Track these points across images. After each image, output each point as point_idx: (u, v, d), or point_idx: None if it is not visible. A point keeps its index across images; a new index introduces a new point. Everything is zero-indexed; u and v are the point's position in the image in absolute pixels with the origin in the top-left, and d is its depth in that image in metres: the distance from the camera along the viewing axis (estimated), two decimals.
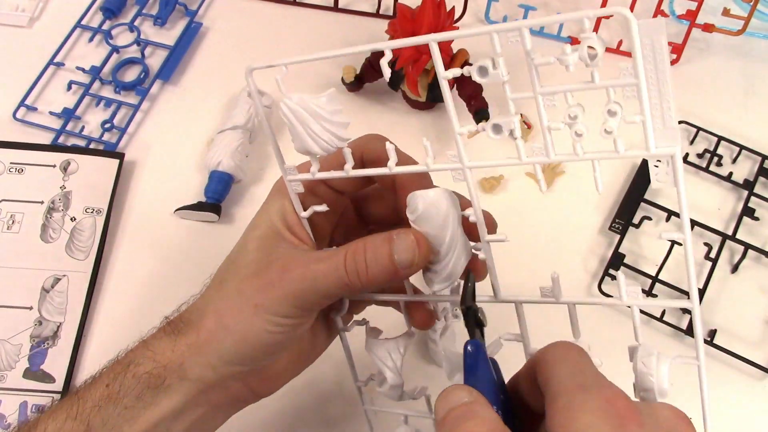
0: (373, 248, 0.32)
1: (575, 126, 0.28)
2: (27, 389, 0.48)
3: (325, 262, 0.33)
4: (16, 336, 0.49)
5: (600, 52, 0.25)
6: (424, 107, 0.61)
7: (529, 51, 0.27)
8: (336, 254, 0.33)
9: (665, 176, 0.28)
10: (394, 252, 0.32)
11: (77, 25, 0.65)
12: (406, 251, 0.32)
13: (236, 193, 0.57)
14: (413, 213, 0.32)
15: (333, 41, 0.65)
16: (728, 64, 0.66)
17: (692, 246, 0.55)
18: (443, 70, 0.29)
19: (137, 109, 0.60)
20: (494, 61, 0.28)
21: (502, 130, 0.29)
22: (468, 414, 0.27)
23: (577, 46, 0.26)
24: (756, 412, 0.49)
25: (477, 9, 0.67)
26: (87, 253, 0.53)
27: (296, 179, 0.35)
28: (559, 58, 0.26)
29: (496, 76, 0.28)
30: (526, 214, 0.57)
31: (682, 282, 0.53)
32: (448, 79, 0.29)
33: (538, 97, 0.28)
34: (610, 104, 0.27)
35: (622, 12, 0.25)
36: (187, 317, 0.36)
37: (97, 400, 0.34)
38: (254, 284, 0.34)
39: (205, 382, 0.34)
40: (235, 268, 0.35)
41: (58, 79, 0.63)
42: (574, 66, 0.26)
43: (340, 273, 0.32)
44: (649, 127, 0.27)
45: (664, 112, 0.27)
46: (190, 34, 0.65)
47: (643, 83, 0.26)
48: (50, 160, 0.56)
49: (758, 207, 0.56)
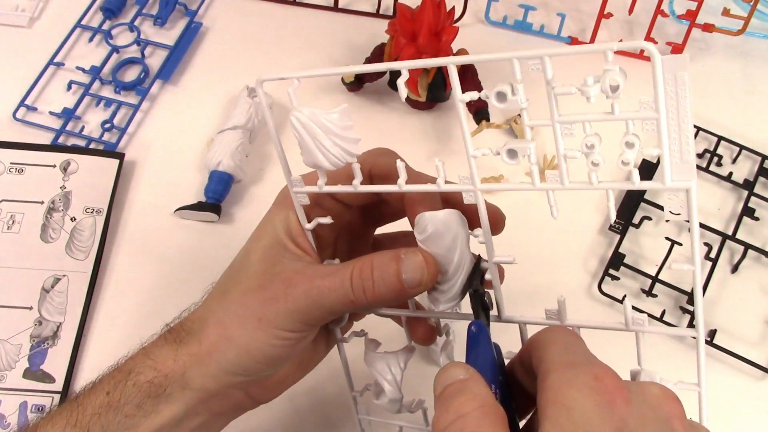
0: (380, 266, 0.32)
1: (592, 156, 0.28)
2: (27, 389, 0.48)
3: (331, 278, 0.33)
4: (15, 336, 0.49)
5: (621, 84, 0.25)
6: (424, 107, 0.61)
7: (550, 80, 0.27)
8: (342, 270, 0.33)
9: (679, 209, 0.28)
10: (402, 271, 0.32)
11: (77, 25, 0.65)
12: (415, 271, 0.32)
13: (236, 193, 0.57)
14: (422, 233, 0.32)
15: (333, 41, 0.65)
16: (728, 64, 0.66)
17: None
18: (460, 93, 0.29)
19: (137, 109, 0.60)
20: (513, 87, 0.27)
21: (517, 156, 0.29)
22: (462, 389, 0.27)
23: (599, 76, 0.26)
24: (756, 412, 0.49)
25: (477, 9, 0.67)
26: (87, 253, 0.53)
27: (303, 191, 0.34)
28: (581, 89, 0.26)
29: (515, 103, 0.28)
30: (526, 214, 0.57)
31: (682, 282, 0.53)
32: (464, 113, 0.29)
33: (556, 125, 0.28)
34: (629, 136, 0.27)
35: (648, 47, 0.25)
36: (189, 326, 0.35)
37: (97, 408, 0.34)
38: (258, 297, 0.34)
39: (207, 391, 0.34)
40: (238, 278, 0.35)
41: (58, 79, 0.63)
42: (595, 98, 0.26)
43: (345, 290, 0.32)
44: (666, 161, 0.27)
45: (682, 146, 0.27)
46: (190, 34, 0.65)
47: (663, 118, 0.26)
48: (50, 160, 0.56)
49: (758, 207, 0.56)
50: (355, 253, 0.35)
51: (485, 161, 0.60)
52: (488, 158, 0.30)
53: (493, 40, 0.65)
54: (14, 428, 0.47)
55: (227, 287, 0.36)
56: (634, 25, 0.67)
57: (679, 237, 0.55)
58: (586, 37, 0.65)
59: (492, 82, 0.60)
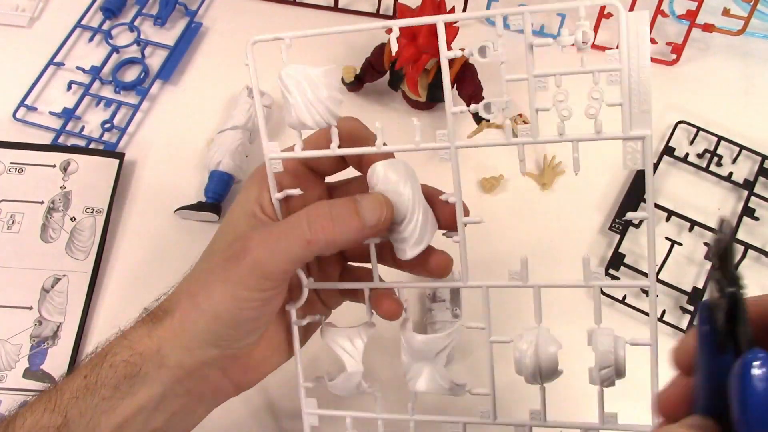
0: (337, 205, 0.33)
1: (562, 107, 0.31)
2: (27, 389, 0.48)
3: (286, 223, 0.33)
4: (16, 336, 0.49)
5: (590, 38, 0.30)
6: (424, 107, 0.61)
7: (529, 33, 0.30)
8: (297, 215, 0.33)
9: (637, 158, 0.31)
10: (359, 209, 0.33)
11: (77, 25, 0.65)
12: (373, 209, 0.33)
13: (236, 193, 0.56)
14: (373, 178, 0.34)
15: (333, 41, 0.65)
16: (728, 64, 0.66)
17: (692, 246, 0.56)
18: (446, 49, 0.31)
19: (137, 109, 0.60)
20: (494, 44, 0.31)
21: (491, 110, 0.32)
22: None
23: (573, 29, 0.30)
24: None
25: (477, 9, 0.67)
26: (87, 253, 0.53)
27: (279, 157, 0.35)
28: (557, 39, 0.30)
29: (496, 57, 0.31)
30: (526, 214, 0.57)
31: (682, 282, 0.53)
32: (449, 76, 0.30)
33: (532, 78, 0.31)
34: (595, 90, 0.31)
35: (612, 2, 0.30)
36: (166, 306, 0.35)
37: (75, 391, 0.33)
38: (220, 261, 0.34)
39: (183, 368, 0.34)
40: (210, 252, 0.36)
41: (58, 79, 0.63)
42: (568, 46, 0.30)
43: (302, 230, 0.32)
44: (626, 110, 0.31)
45: (641, 96, 0.30)
46: (190, 34, 0.65)
47: (626, 68, 0.30)
48: (50, 160, 0.56)
49: (758, 207, 0.56)
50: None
51: (485, 161, 0.60)
52: (488, 158, 0.31)
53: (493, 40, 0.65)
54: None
55: (200, 263, 0.36)
56: None
57: (679, 237, 0.55)
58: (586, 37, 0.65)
59: (492, 82, 0.60)
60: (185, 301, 0.34)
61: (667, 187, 0.58)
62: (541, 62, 0.31)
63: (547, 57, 0.32)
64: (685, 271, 0.54)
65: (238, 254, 0.33)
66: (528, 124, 0.31)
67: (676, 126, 0.60)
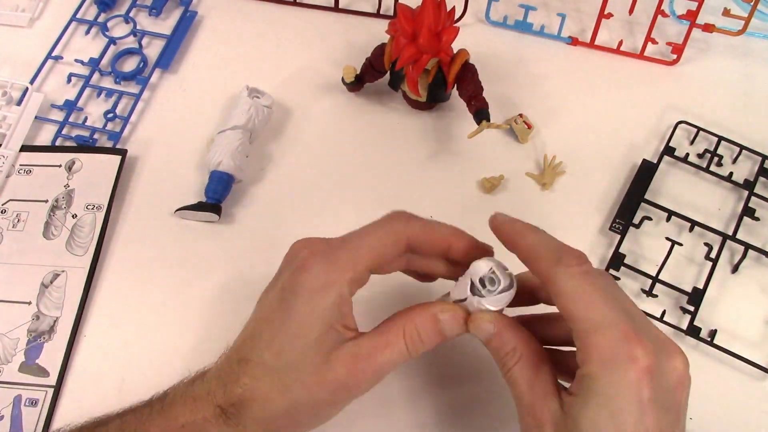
0: (424, 330, 0.37)
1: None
2: (21, 383, 0.48)
3: (390, 351, 0.36)
4: (14, 330, 0.49)
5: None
6: (424, 107, 0.61)
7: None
8: (394, 341, 0.36)
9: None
10: (443, 330, 0.37)
11: (72, 18, 0.66)
12: (453, 328, 0.37)
13: (236, 193, 0.56)
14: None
15: (333, 41, 0.65)
16: (728, 64, 0.66)
17: (692, 246, 0.55)
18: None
19: (138, 97, 0.61)
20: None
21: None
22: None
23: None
24: (756, 412, 0.49)
25: (477, 9, 0.67)
26: (86, 248, 0.53)
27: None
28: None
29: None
30: (526, 214, 0.56)
31: (682, 282, 0.53)
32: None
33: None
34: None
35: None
36: (242, 403, 0.36)
37: None
38: (327, 388, 0.36)
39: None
40: (296, 367, 0.36)
41: (58, 73, 0.63)
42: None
43: (404, 356, 0.37)
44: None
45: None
46: (185, 22, 0.65)
47: None
48: (56, 160, 0.57)
49: (758, 207, 0.56)
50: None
51: (485, 161, 0.60)
52: (488, 158, 0.31)
53: (494, 40, 0.65)
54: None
55: (282, 372, 0.36)
56: (635, 25, 0.67)
57: (680, 237, 0.55)
58: (586, 37, 0.65)
59: (492, 81, 0.60)
60: (283, 421, 0.36)
61: (668, 187, 0.58)
62: (542, 62, 0.30)
63: (547, 55, 0.31)
64: (685, 271, 0.54)
65: (349, 386, 0.36)
66: (531, 128, 0.31)
67: (676, 126, 0.60)
